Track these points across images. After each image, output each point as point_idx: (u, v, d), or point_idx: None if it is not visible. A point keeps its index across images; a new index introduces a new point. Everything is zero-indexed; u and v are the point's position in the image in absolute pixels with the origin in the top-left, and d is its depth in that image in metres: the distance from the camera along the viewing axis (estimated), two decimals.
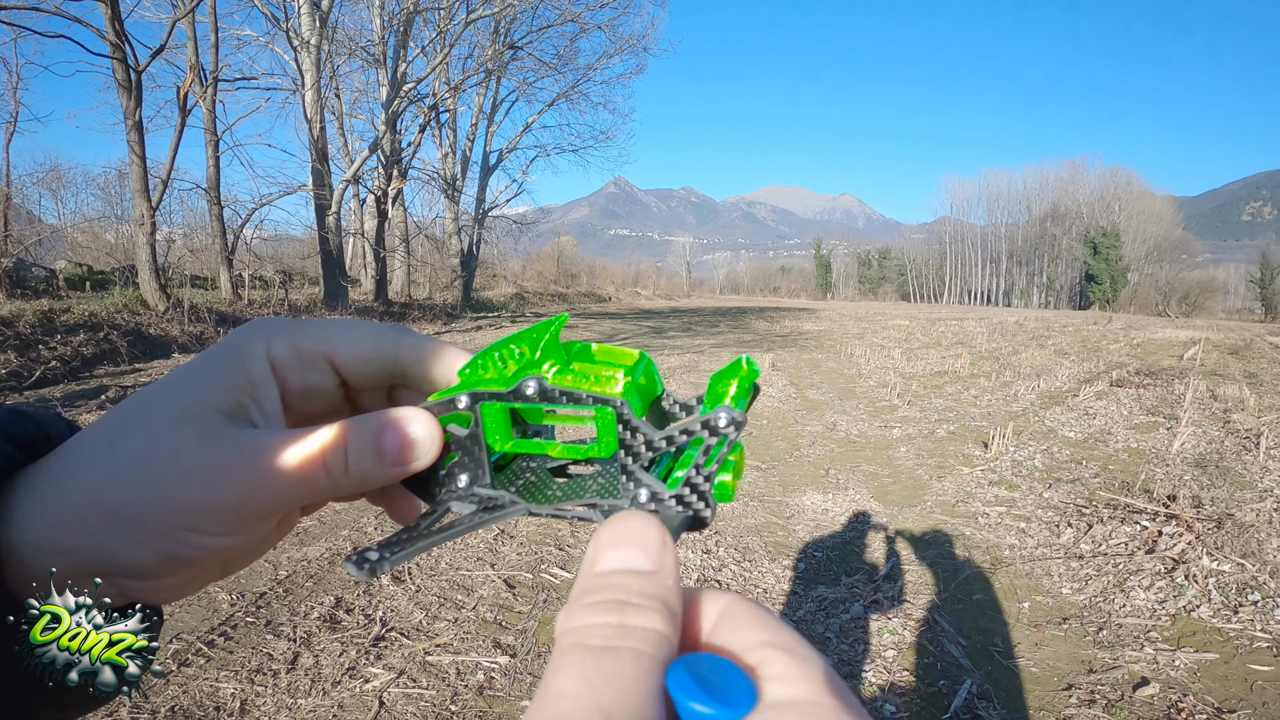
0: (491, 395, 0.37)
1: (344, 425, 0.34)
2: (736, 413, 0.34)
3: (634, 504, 0.36)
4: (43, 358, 8.07)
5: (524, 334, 0.38)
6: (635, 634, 0.24)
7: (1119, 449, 6.09)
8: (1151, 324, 26.62)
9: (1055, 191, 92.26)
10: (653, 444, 0.35)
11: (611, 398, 0.35)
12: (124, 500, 0.32)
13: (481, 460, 0.38)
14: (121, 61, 11.58)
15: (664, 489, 0.35)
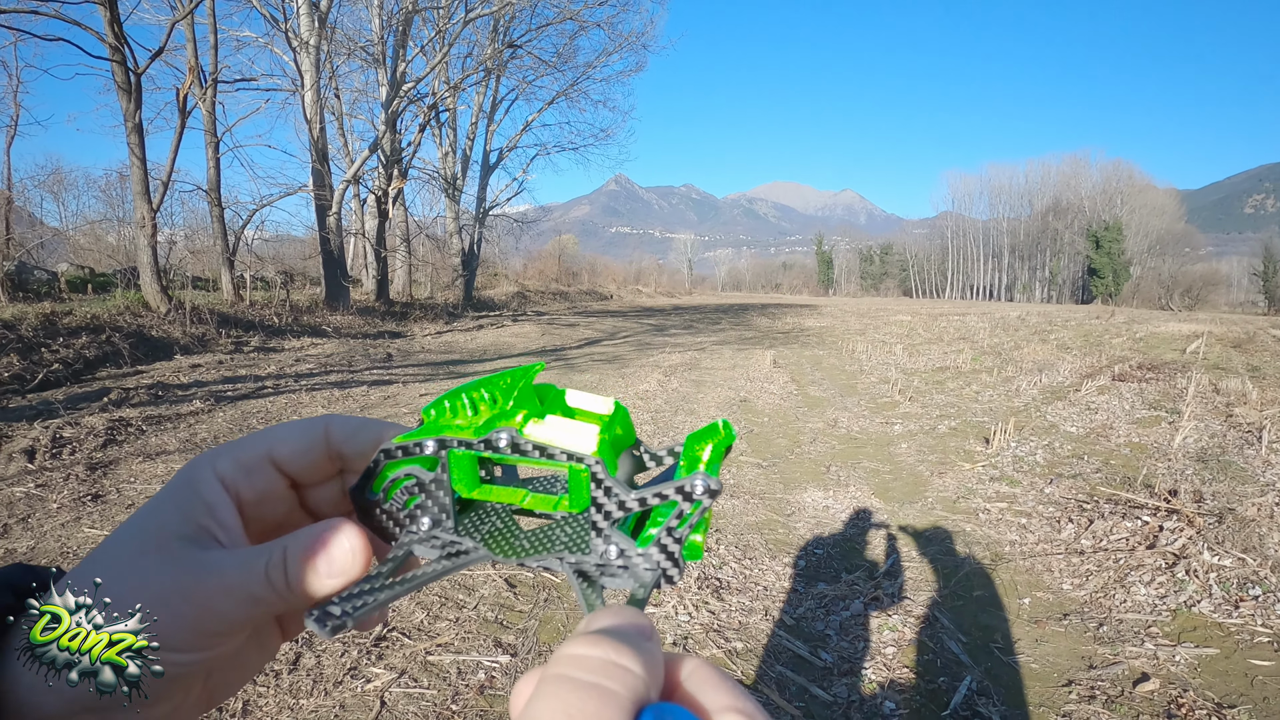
0: (461, 443, 0.36)
1: (282, 541, 0.36)
2: (713, 480, 0.34)
3: (602, 561, 0.35)
4: (45, 360, 8.09)
5: (496, 378, 0.37)
6: (617, 673, 0.25)
7: (1121, 444, 6.08)
8: (1154, 318, 26.57)
9: (1057, 185, 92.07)
10: (625, 504, 0.35)
11: (586, 455, 0.35)
12: None
13: (446, 505, 0.38)
14: (121, 64, 11.58)
15: (634, 547, 0.35)
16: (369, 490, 0.39)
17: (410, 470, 0.38)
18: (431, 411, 0.38)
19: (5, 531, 3.76)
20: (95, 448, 5.29)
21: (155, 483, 4.63)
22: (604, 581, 0.36)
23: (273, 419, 6.55)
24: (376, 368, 10.25)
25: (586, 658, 0.26)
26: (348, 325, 15.57)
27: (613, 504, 0.35)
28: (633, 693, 0.25)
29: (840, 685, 2.60)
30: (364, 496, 0.39)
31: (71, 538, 3.71)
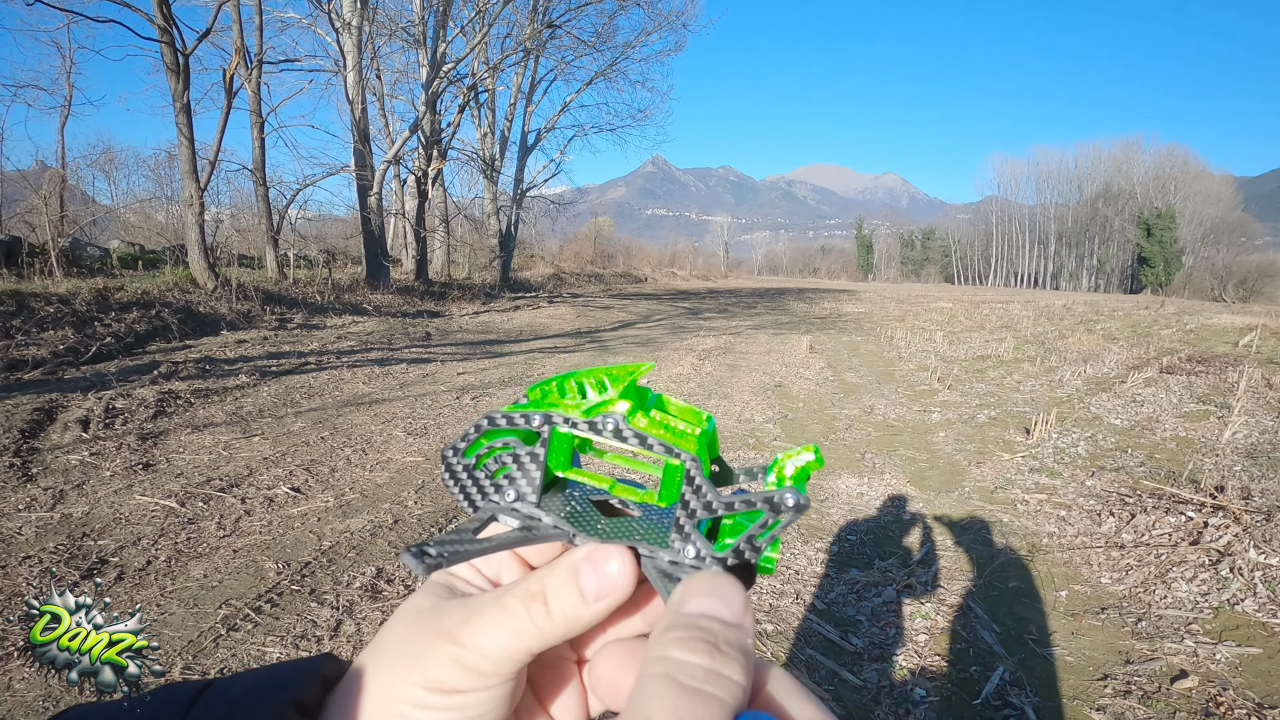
0: (566, 421, 0.38)
1: (540, 572, 0.36)
2: (802, 497, 0.35)
3: (678, 558, 0.36)
4: (98, 334, 8.36)
5: (605, 369, 0.38)
6: (721, 682, 0.28)
7: (1167, 438, 5.94)
8: (1206, 309, 25.74)
9: (1108, 170, 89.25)
10: (712, 506, 0.36)
11: (685, 452, 0.36)
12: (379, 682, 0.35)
13: (535, 478, 0.39)
14: (169, 45, 11.82)
15: (712, 550, 0.36)
16: (463, 454, 0.40)
17: (509, 441, 0.39)
18: (538, 390, 0.39)
19: (62, 497, 3.92)
20: (146, 418, 5.47)
21: (203, 453, 4.78)
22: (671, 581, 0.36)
23: (315, 394, 6.70)
24: (415, 346, 10.41)
25: (690, 664, 0.28)
26: (388, 304, 15.81)
27: (700, 504, 0.36)
28: (735, 701, 0.27)
29: (870, 670, 2.60)
30: (457, 459, 0.40)
31: (124, 504, 3.85)
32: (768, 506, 0.35)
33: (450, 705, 0.34)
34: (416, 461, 4.83)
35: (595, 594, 0.34)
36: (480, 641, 0.34)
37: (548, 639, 0.34)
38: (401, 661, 0.35)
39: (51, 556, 3.23)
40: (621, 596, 0.34)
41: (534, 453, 0.39)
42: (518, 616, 0.34)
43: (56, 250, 11.93)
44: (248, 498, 4.04)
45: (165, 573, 3.15)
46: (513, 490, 0.39)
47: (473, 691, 0.34)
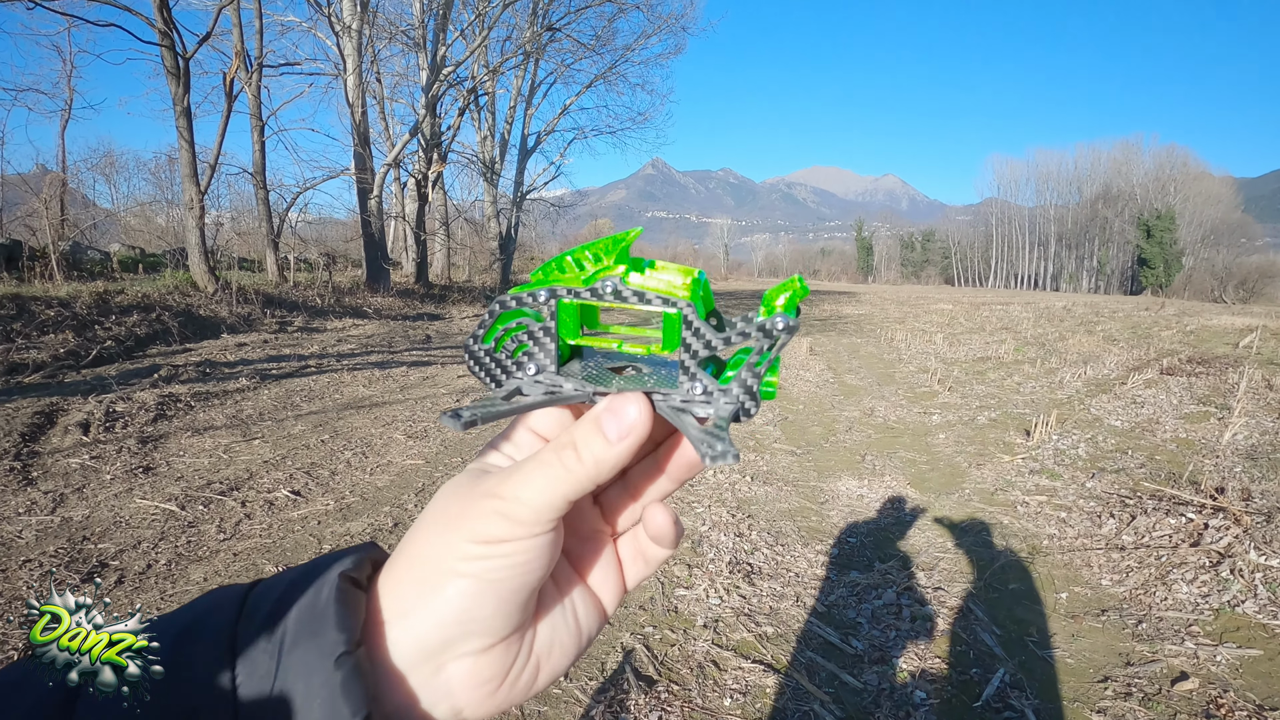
0: (569, 292, 0.40)
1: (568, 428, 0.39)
2: (790, 319, 0.39)
3: (688, 397, 0.40)
4: (99, 337, 8.36)
5: (596, 243, 0.41)
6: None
7: (1167, 439, 5.93)
8: (1206, 310, 25.74)
9: (1107, 172, 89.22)
10: (711, 343, 0.39)
11: (679, 299, 0.39)
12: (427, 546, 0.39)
13: (551, 350, 0.42)
14: (170, 49, 11.84)
15: (717, 384, 0.40)
16: (482, 340, 0.43)
17: (522, 320, 0.42)
18: (540, 272, 0.42)
19: (62, 500, 3.92)
20: (146, 422, 5.48)
21: (204, 456, 4.79)
22: (687, 417, 0.39)
23: (316, 397, 6.71)
24: (416, 349, 10.41)
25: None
26: (388, 307, 15.81)
27: (700, 344, 0.39)
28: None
29: (871, 673, 2.60)
30: (477, 346, 0.44)
31: (124, 508, 3.85)
32: (761, 333, 0.39)
33: (495, 554, 0.37)
34: (417, 465, 4.84)
35: (618, 434, 0.37)
36: (519, 492, 0.37)
37: (580, 482, 0.37)
38: (446, 523, 0.38)
39: (52, 560, 3.23)
40: (641, 435, 0.37)
41: (546, 327, 0.42)
42: (552, 465, 0.37)
43: (57, 254, 11.94)
44: (248, 501, 4.04)
45: (165, 576, 3.15)
46: (532, 365, 0.42)
47: (516, 540, 0.37)
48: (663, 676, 2.54)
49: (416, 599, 0.37)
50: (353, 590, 0.38)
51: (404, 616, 0.37)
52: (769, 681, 2.53)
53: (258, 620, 0.37)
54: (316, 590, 0.37)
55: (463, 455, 5.08)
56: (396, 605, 0.38)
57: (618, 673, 2.54)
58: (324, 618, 0.36)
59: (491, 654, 0.39)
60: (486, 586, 0.37)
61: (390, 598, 0.38)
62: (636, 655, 2.65)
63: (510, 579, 0.37)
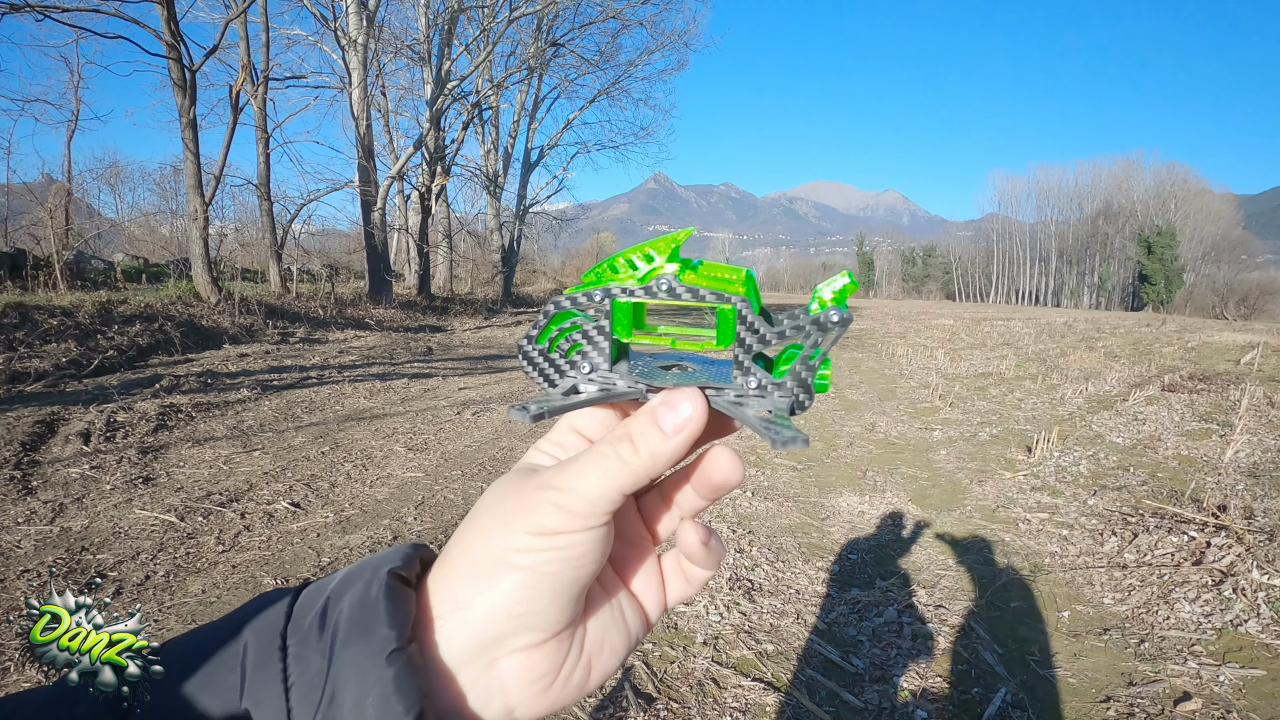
0: (624, 292, 0.41)
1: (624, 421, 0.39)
2: (845, 312, 0.39)
3: (742, 391, 0.40)
4: (101, 347, 8.38)
5: (648, 243, 0.42)
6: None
7: (1169, 456, 5.92)
8: (1207, 326, 25.72)
9: (1108, 188, 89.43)
10: (766, 337, 0.40)
11: (733, 295, 0.40)
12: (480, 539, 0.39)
13: (605, 350, 0.43)
14: (177, 61, 11.93)
15: (770, 378, 0.41)
16: (536, 341, 0.44)
17: (576, 320, 0.43)
18: (592, 274, 0.43)
19: (61, 511, 3.91)
20: (147, 432, 5.48)
21: (204, 467, 4.78)
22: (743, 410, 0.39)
23: (316, 408, 6.70)
24: (417, 361, 10.42)
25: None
26: (390, 319, 15.84)
27: (754, 339, 0.40)
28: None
29: (871, 692, 2.58)
30: (532, 347, 0.44)
31: (124, 518, 3.85)
32: (815, 327, 0.39)
33: (550, 546, 0.37)
34: (417, 477, 4.83)
35: (674, 427, 0.37)
36: (575, 483, 0.37)
37: (637, 474, 0.37)
38: (501, 516, 0.38)
39: (50, 570, 3.22)
40: (696, 428, 0.38)
41: (600, 326, 0.43)
42: (608, 457, 0.37)
43: (61, 263, 11.97)
44: (247, 512, 4.04)
45: (163, 588, 3.14)
46: (586, 364, 0.43)
47: (571, 533, 0.37)
48: (662, 694, 2.52)
49: (470, 592, 0.37)
50: (402, 588, 0.38)
51: (457, 610, 0.38)
52: (769, 700, 2.51)
53: (308, 620, 0.38)
54: (365, 588, 0.37)
55: (463, 468, 5.08)
56: (449, 599, 0.38)
57: (616, 690, 2.53)
58: (374, 615, 0.36)
59: (544, 649, 0.39)
60: (541, 579, 0.37)
61: (442, 593, 0.38)
62: (635, 672, 2.63)
63: (564, 571, 0.37)
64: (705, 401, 0.38)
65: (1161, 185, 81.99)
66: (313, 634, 0.37)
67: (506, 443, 5.82)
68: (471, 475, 4.92)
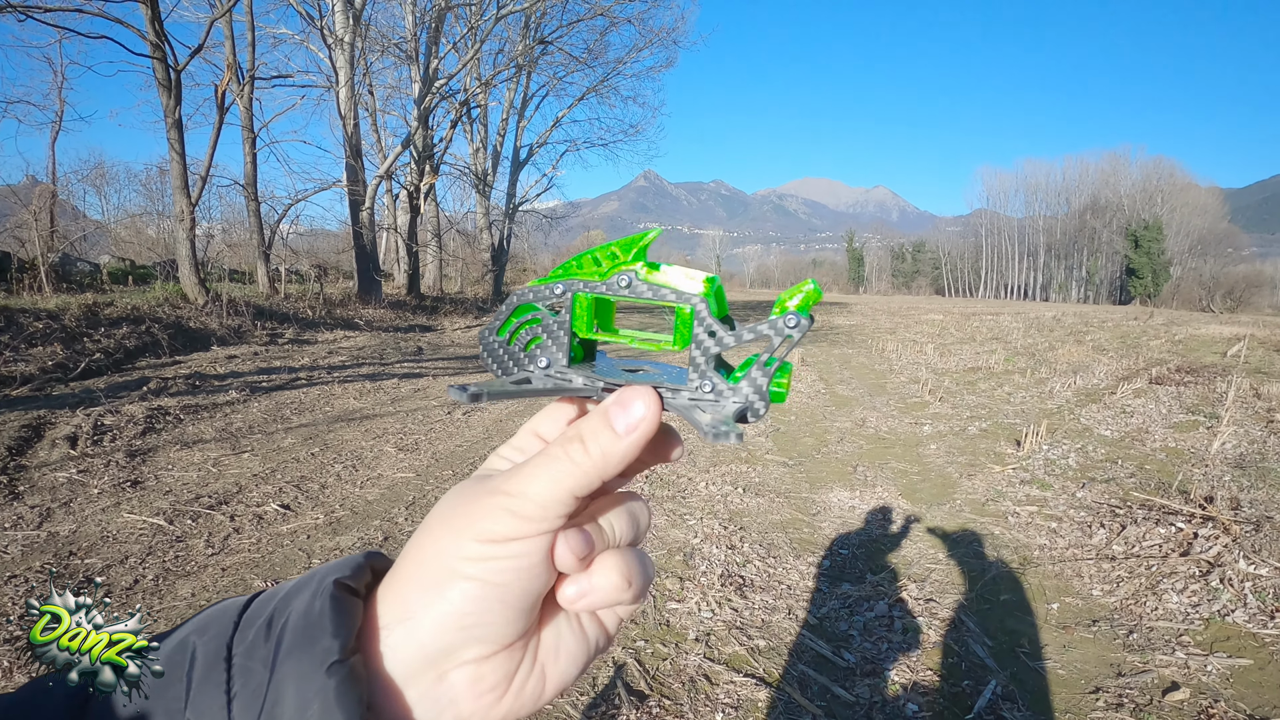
0: (586, 285, 0.41)
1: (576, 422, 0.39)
2: (803, 318, 0.39)
3: (695, 395, 0.40)
4: (87, 350, 8.31)
5: (615, 242, 0.42)
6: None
7: (1156, 448, 5.96)
8: (1194, 319, 25.94)
9: (1095, 183, 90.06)
10: (723, 340, 0.40)
11: (693, 295, 0.40)
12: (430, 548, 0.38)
13: (564, 344, 0.43)
14: (161, 61, 11.84)
15: (725, 383, 0.40)
16: (497, 332, 0.44)
17: (537, 314, 0.43)
18: (560, 270, 0.43)
19: (48, 515, 3.88)
20: (135, 435, 5.44)
21: (192, 470, 4.75)
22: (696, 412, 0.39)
23: (306, 410, 6.68)
24: (407, 361, 10.38)
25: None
26: (379, 319, 15.78)
27: (712, 342, 0.40)
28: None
29: (863, 686, 2.59)
30: (492, 339, 0.44)
31: (111, 522, 3.82)
32: (772, 331, 0.39)
33: (502, 554, 0.36)
34: (407, 477, 4.81)
35: (626, 427, 0.36)
36: (525, 487, 0.36)
37: (588, 475, 0.36)
38: (451, 524, 0.37)
39: (38, 576, 3.19)
40: (649, 429, 0.37)
41: (560, 321, 0.43)
42: (558, 459, 0.37)
43: (46, 265, 11.87)
44: (236, 515, 4.02)
45: (153, 592, 3.12)
46: (544, 357, 0.43)
47: (523, 539, 0.36)
48: (654, 691, 2.53)
49: (418, 602, 0.37)
50: (348, 598, 0.37)
51: (403, 621, 0.37)
52: (761, 695, 2.52)
53: (254, 630, 0.37)
54: (311, 598, 0.37)
55: (454, 468, 5.06)
56: (397, 610, 0.37)
57: (609, 688, 2.53)
58: (318, 626, 0.35)
59: (495, 660, 0.38)
60: (491, 589, 0.36)
61: (390, 603, 0.38)
62: (628, 670, 2.64)
63: (516, 582, 0.36)
64: (659, 401, 0.37)
65: (1148, 179, 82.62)
66: (258, 644, 0.36)
67: (498, 442, 5.79)
68: (462, 475, 4.91)
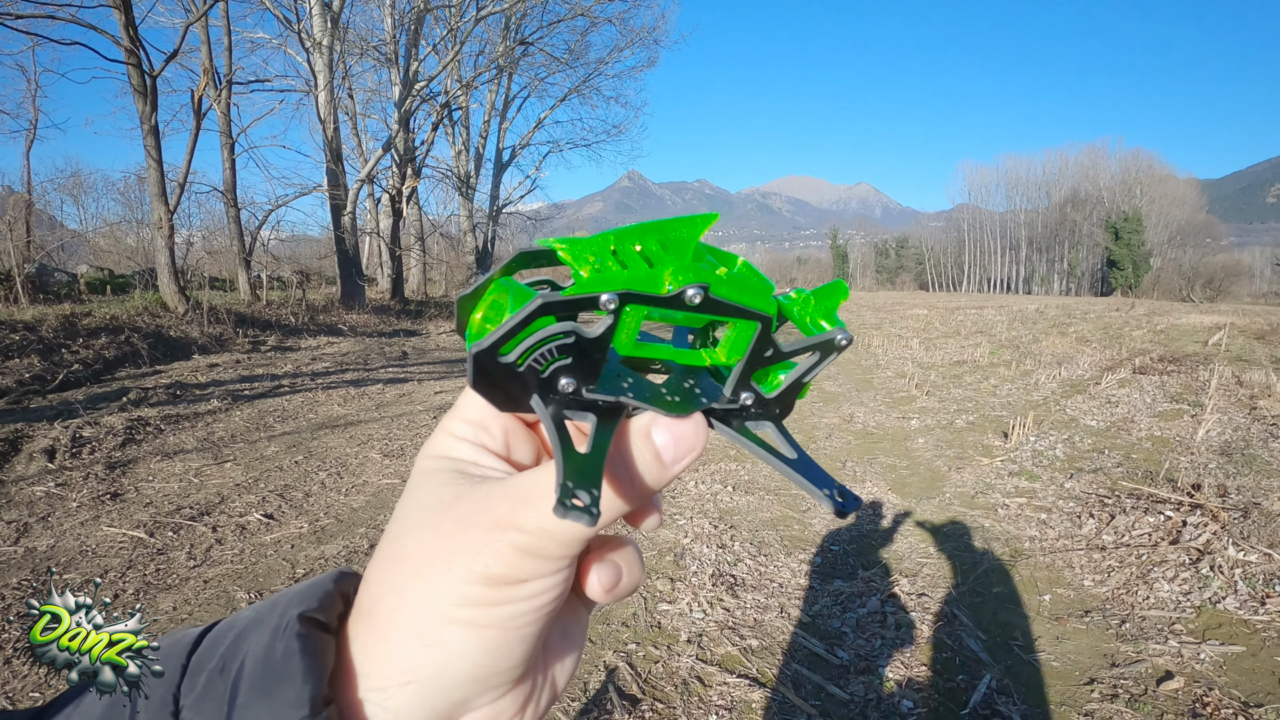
0: (645, 299, 0.33)
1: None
2: (849, 335, 0.36)
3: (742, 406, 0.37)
4: (65, 361, 8.18)
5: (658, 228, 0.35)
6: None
7: (1142, 437, 6.00)
8: (1175, 309, 26.22)
9: (1075, 176, 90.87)
10: (781, 353, 0.37)
11: (765, 314, 0.35)
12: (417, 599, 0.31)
13: (597, 363, 0.33)
14: (137, 67, 11.68)
15: (765, 393, 0.38)
16: (498, 352, 0.31)
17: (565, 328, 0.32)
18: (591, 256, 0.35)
19: (26, 530, 3.80)
20: (114, 447, 5.35)
21: (173, 481, 4.67)
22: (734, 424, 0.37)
23: (289, 417, 6.59)
24: (392, 366, 10.30)
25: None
26: (363, 324, 15.66)
27: (766, 355, 0.37)
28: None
29: (857, 683, 2.57)
30: (492, 358, 0.31)
31: (90, 536, 3.74)
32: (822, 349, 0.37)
33: (507, 599, 0.30)
34: (393, 484, 4.75)
35: (674, 457, 0.32)
36: (545, 523, 0.30)
37: (623, 510, 0.32)
38: (440, 559, 0.31)
39: (15, 593, 3.12)
40: (695, 459, 0.33)
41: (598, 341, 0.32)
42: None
43: (22, 276, 11.70)
44: (219, 526, 3.95)
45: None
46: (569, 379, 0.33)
47: (536, 579, 0.31)
48: (647, 695, 2.49)
49: (416, 658, 0.31)
50: (317, 635, 0.31)
51: (405, 684, 0.31)
52: (755, 696, 2.49)
53: (203, 677, 0.32)
54: (272, 639, 0.31)
55: None
56: (390, 668, 0.31)
57: (601, 693, 2.49)
58: (282, 671, 0.30)
59: (510, 695, 0.33)
60: (502, 635, 0.31)
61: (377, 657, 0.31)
62: (620, 674, 2.60)
63: (532, 623, 0.31)
64: (706, 432, 0.33)
65: (1127, 172, 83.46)
66: (210, 694, 0.31)
67: None
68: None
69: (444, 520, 0.32)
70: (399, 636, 0.31)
